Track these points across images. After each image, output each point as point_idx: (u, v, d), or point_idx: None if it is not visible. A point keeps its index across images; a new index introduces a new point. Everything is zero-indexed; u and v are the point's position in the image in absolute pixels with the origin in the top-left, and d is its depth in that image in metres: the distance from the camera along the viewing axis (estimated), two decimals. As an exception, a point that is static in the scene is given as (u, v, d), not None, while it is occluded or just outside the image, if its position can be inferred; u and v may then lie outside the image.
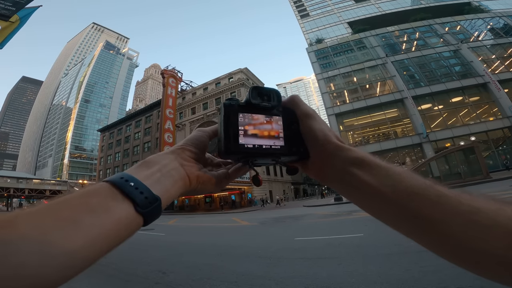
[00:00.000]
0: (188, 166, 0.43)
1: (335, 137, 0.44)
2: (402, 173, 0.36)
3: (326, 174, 0.44)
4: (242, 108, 0.46)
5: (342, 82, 32.43)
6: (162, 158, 0.41)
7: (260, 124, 0.47)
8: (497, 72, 27.46)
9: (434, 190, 0.33)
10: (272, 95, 0.48)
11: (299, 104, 0.49)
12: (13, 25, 8.36)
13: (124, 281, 4.29)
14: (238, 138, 0.45)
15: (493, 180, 16.18)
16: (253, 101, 0.46)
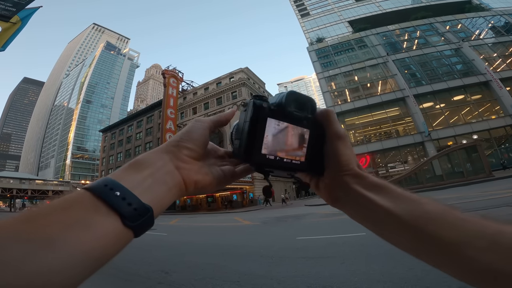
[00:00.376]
0: (185, 169, 0.38)
1: (356, 164, 0.43)
2: (421, 199, 0.36)
3: (339, 197, 0.43)
4: (272, 113, 0.42)
5: (343, 81, 32.38)
6: (155, 159, 0.36)
7: (287, 134, 0.43)
8: (498, 70, 27.39)
9: (454, 214, 0.33)
10: (308, 105, 0.44)
11: (333, 122, 0.45)
12: (14, 26, 8.38)
13: (126, 281, 4.29)
14: (262, 147, 0.41)
15: (496, 178, 16.11)
16: (288, 108, 0.42)
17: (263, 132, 0.41)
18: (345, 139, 0.44)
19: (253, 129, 0.41)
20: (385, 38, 34.33)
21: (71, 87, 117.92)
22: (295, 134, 0.43)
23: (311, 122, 0.45)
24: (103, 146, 58.94)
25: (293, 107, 0.42)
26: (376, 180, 0.40)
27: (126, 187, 0.31)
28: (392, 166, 28.43)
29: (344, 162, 0.42)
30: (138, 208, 0.29)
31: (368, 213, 0.39)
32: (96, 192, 0.29)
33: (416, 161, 25.65)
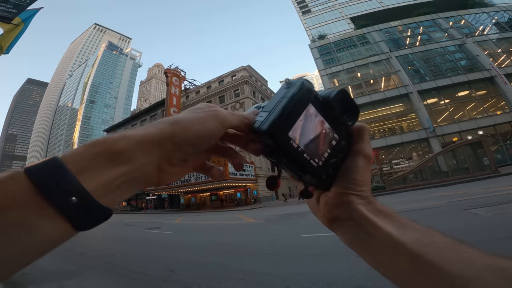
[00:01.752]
0: (168, 172, 0.31)
1: (369, 189, 0.40)
2: (428, 230, 0.33)
3: (338, 217, 0.40)
4: (317, 101, 0.38)
5: (346, 77, 32.23)
6: (141, 153, 0.28)
7: (318, 130, 0.39)
8: (503, 66, 27.10)
9: (463, 247, 0.30)
10: (352, 112, 0.41)
11: (364, 141, 0.42)
12: (17, 28, 8.44)
13: (132, 279, 4.34)
14: (291, 127, 0.36)
15: (502, 174, 15.96)
16: (333, 105, 0.39)
17: (299, 114, 0.36)
18: (369, 161, 0.42)
19: (291, 106, 0.36)
20: (387, 34, 34.04)
21: (75, 88, 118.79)
22: (325, 134, 0.39)
23: (344, 131, 0.41)
24: (107, 146, 59.36)
25: (338, 107, 0.39)
26: (384, 207, 0.38)
27: (89, 187, 0.24)
28: (396, 162, 28.31)
29: (359, 181, 0.39)
30: (96, 215, 0.25)
31: (367, 238, 0.36)
32: (45, 192, 0.22)
33: (420, 158, 25.51)
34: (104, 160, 0.26)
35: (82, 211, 0.23)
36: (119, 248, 7.52)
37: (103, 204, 0.25)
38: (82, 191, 0.24)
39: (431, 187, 16.73)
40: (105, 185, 0.25)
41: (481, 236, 4.23)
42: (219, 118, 0.35)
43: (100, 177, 0.25)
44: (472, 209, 6.45)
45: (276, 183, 0.41)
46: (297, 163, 0.38)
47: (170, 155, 0.30)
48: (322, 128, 0.39)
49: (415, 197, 11.92)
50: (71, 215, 0.23)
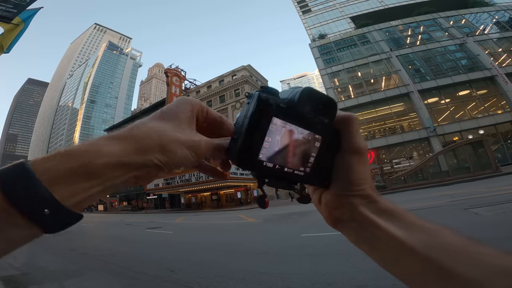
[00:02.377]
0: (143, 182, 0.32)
1: (369, 185, 0.37)
2: (438, 229, 0.31)
3: (340, 218, 0.38)
4: (280, 111, 0.34)
5: (347, 77, 32.20)
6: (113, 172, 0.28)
7: (293, 139, 0.36)
8: (504, 65, 27.04)
9: (476, 248, 0.28)
10: (327, 108, 0.36)
11: (353, 132, 0.38)
12: (17, 28, 8.45)
13: (133, 279, 4.34)
14: (259, 151, 0.34)
15: (503, 174, 15.94)
16: (301, 109, 0.35)
17: (264, 134, 0.34)
18: (363, 154, 0.38)
19: (253, 128, 0.33)
20: (388, 34, 33.99)
21: (75, 87, 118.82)
22: (304, 140, 0.36)
23: (327, 126, 0.38)
24: (108, 146, 59.43)
25: (307, 108, 0.35)
26: (388, 205, 0.35)
27: (61, 196, 0.24)
28: (397, 162, 28.26)
29: (355, 181, 0.36)
30: (66, 220, 0.25)
31: (373, 240, 0.34)
32: (16, 203, 0.22)
33: (421, 157, 25.47)
34: (78, 174, 0.26)
35: (54, 220, 0.24)
36: (120, 248, 7.53)
37: (74, 210, 0.25)
38: (53, 201, 0.24)
39: (431, 187, 16.71)
40: (78, 194, 0.26)
41: (482, 236, 4.21)
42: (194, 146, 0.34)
43: (72, 188, 0.25)
44: (473, 209, 6.45)
45: (265, 202, 0.40)
46: (281, 180, 0.37)
47: (150, 174, 0.31)
48: (298, 136, 0.36)
49: (416, 197, 11.91)
50: (43, 224, 0.24)
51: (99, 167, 0.27)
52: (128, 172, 0.29)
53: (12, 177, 0.23)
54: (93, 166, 0.27)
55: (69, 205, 0.25)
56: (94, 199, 0.28)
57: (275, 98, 0.34)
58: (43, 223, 0.23)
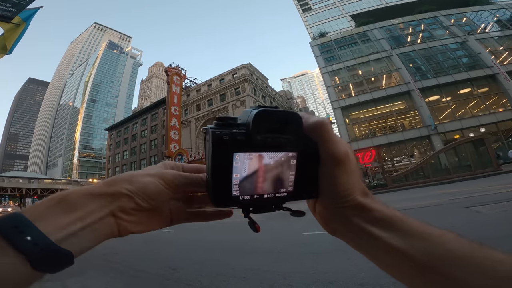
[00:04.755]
0: (125, 221, 0.32)
1: (360, 192, 0.35)
2: (441, 235, 0.30)
3: (337, 229, 0.36)
4: (239, 145, 0.32)
5: (347, 75, 32.14)
6: (87, 201, 0.30)
7: (264, 166, 0.34)
8: (505, 63, 26.88)
9: (484, 253, 0.27)
10: (288, 124, 0.33)
11: (327, 141, 0.34)
12: (19, 28, 8.46)
13: (135, 277, 4.36)
14: (231, 189, 0.33)
15: (504, 172, 15.91)
16: (258, 137, 0.32)
17: (230, 171, 0.32)
18: (345, 162, 0.34)
19: (217, 170, 0.32)
20: (388, 32, 33.88)
21: (76, 87, 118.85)
22: (277, 162, 0.34)
23: (299, 140, 0.34)
24: (109, 145, 59.44)
25: (265, 132, 0.32)
26: (384, 212, 0.33)
27: (45, 230, 0.26)
28: (398, 160, 28.23)
29: (341, 192, 0.34)
30: (52, 255, 0.26)
31: (372, 249, 0.33)
32: (3, 234, 0.25)
33: (422, 155, 25.43)
34: (58, 209, 0.28)
35: (38, 248, 0.25)
36: (122, 246, 7.54)
37: (62, 247, 0.26)
38: (36, 231, 0.26)
39: (432, 185, 16.70)
40: (61, 228, 0.27)
41: (483, 234, 4.22)
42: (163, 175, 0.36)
43: (54, 222, 0.27)
44: (474, 207, 6.44)
45: (255, 228, 0.39)
46: (263, 206, 0.36)
47: (120, 205, 0.32)
48: (267, 161, 0.34)
49: (417, 195, 11.91)
50: (27, 251, 0.24)
51: (74, 198, 0.30)
52: (103, 206, 0.30)
53: (2, 218, 0.26)
54: (69, 199, 0.29)
55: (55, 239, 0.26)
56: (86, 240, 0.29)
57: (230, 131, 0.32)
58: (28, 252, 0.25)
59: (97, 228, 0.30)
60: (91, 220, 0.29)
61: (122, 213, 0.32)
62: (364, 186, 0.36)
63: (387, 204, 0.35)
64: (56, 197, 0.29)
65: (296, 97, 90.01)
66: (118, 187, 0.32)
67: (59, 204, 0.29)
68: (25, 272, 0.25)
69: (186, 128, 40.65)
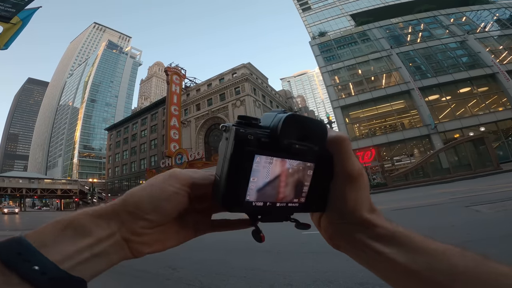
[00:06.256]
0: (137, 242, 0.31)
1: (367, 208, 0.35)
2: (445, 249, 0.29)
3: (341, 245, 0.37)
4: (263, 147, 0.31)
5: (347, 74, 32.16)
6: (96, 227, 0.28)
7: (282, 174, 0.33)
8: (505, 62, 26.90)
9: (489, 267, 0.27)
10: (315, 134, 0.32)
11: (344, 157, 0.34)
12: (15, 26, 8.47)
13: (135, 277, 4.35)
14: (246, 193, 0.31)
15: (504, 171, 15.91)
16: (285, 141, 0.31)
17: (248, 174, 0.31)
18: (357, 180, 0.34)
19: (235, 170, 0.30)
20: (388, 31, 33.89)
21: (75, 87, 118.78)
22: (294, 171, 0.34)
23: (320, 151, 0.34)
24: (109, 144, 59.48)
25: (293, 138, 0.31)
26: (388, 228, 0.33)
27: (53, 258, 0.24)
28: (398, 159, 28.24)
29: (349, 209, 0.34)
30: (64, 283, 0.24)
31: (376, 264, 0.33)
32: (5, 261, 0.23)
33: (422, 154, 25.45)
34: (66, 235, 0.26)
35: (47, 278, 0.23)
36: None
37: (73, 274, 0.25)
38: (44, 259, 0.24)
39: (432, 184, 16.71)
40: (70, 256, 0.25)
41: (484, 234, 4.22)
42: (174, 175, 0.33)
43: (63, 250, 0.25)
44: (474, 206, 6.44)
45: (260, 237, 0.37)
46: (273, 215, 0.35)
47: (129, 225, 0.30)
48: (285, 168, 0.33)
49: (417, 194, 11.91)
50: (35, 281, 0.23)
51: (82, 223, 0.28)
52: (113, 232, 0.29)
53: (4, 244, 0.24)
54: (76, 224, 0.27)
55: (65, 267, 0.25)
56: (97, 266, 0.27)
57: (255, 131, 0.31)
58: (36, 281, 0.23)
59: (108, 253, 0.28)
60: (102, 248, 0.28)
61: (133, 235, 0.30)
62: (371, 202, 0.35)
63: (390, 219, 0.34)
64: (62, 221, 0.27)
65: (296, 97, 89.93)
66: (121, 205, 0.30)
67: (66, 229, 0.27)
68: None
69: (186, 127, 40.64)
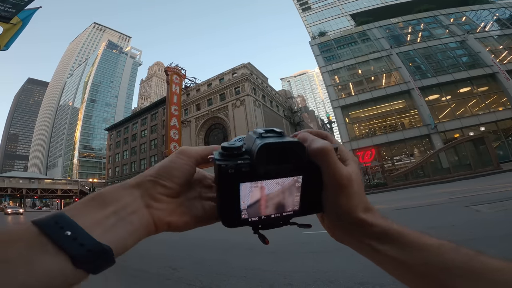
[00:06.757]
0: (158, 209, 0.33)
1: (362, 208, 0.36)
2: (440, 245, 0.31)
3: (343, 240, 0.38)
4: (245, 175, 0.34)
5: (347, 74, 32.14)
6: (122, 194, 0.32)
7: (270, 191, 0.36)
8: (505, 62, 26.88)
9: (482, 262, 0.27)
10: (291, 153, 0.34)
11: (330, 168, 0.35)
12: (15, 26, 8.47)
13: (134, 277, 4.35)
14: (240, 213, 0.36)
15: (504, 171, 15.91)
16: (261, 169, 0.34)
17: (238, 199, 0.35)
18: (347, 187, 0.35)
19: (225, 197, 0.34)
20: (388, 31, 33.87)
21: (75, 87, 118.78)
22: (283, 186, 0.36)
23: (303, 165, 0.36)
24: (109, 145, 59.45)
25: (271, 164, 0.34)
26: (382, 226, 0.34)
27: (82, 225, 0.27)
28: (398, 159, 28.25)
29: (344, 211, 0.35)
30: (93, 249, 0.26)
31: (376, 259, 0.35)
32: (44, 229, 0.25)
33: (422, 154, 25.44)
34: (93, 205, 0.29)
35: (77, 243, 0.25)
36: (122, 246, 7.54)
37: (101, 241, 0.26)
38: (76, 227, 0.26)
39: (432, 184, 16.72)
40: (98, 223, 0.28)
41: (483, 233, 4.22)
42: (191, 151, 0.37)
43: (91, 217, 0.28)
44: (474, 206, 6.44)
45: (265, 241, 0.40)
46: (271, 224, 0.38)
47: (150, 191, 0.33)
48: (273, 186, 0.36)
49: (417, 194, 11.91)
50: (67, 247, 0.25)
51: (107, 193, 0.31)
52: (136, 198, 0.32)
53: (45, 216, 0.27)
54: (102, 195, 0.31)
55: (94, 234, 0.27)
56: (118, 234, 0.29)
57: (236, 164, 0.33)
58: (68, 248, 0.25)
59: (132, 221, 0.30)
60: (126, 213, 0.30)
61: (153, 201, 0.33)
62: (367, 201, 0.36)
63: (386, 216, 0.36)
64: (91, 195, 0.31)
65: (296, 96, 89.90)
66: (142, 176, 0.34)
67: (94, 199, 0.30)
68: (67, 271, 0.25)
69: (186, 127, 40.64)
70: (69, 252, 0.25)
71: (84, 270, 0.25)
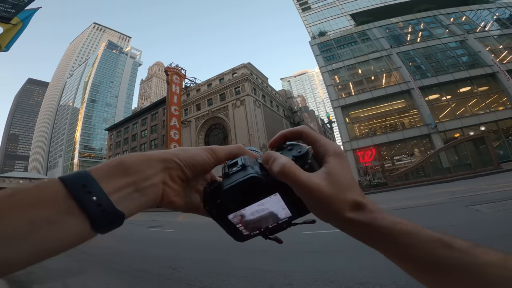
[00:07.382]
0: (170, 187, 0.35)
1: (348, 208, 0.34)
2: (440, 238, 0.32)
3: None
4: (226, 211, 0.39)
5: (347, 74, 32.11)
6: (145, 166, 0.32)
7: (256, 213, 0.39)
8: (505, 62, 26.85)
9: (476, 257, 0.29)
10: (251, 187, 0.37)
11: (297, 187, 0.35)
12: (16, 27, 8.47)
13: (135, 277, 4.36)
14: (242, 232, 0.41)
15: (504, 170, 15.91)
16: (232, 208, 0.38)
17: (232, 225, 0.40)
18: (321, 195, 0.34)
19: (222, 225, 0.41)
20: (388, 31, 33.84)
21: (75, 87, 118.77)
22: (265, 205, 0.39)
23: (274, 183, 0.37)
24: (109, 145, 59.44)
25: (237, 201, 0.38)
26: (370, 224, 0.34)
27: (105, 190, 0.28)
28: (398, 159, 28.22)
29: (329, 215, 0.35)
30: (110, 216, 0.27)
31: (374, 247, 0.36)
32: (72, 191, 0.26)
33: (422, 154, 25.42)
34: (118, 171, 0.30)
35: (100, 209, 0.27)
36: (122, 246, 7.55)
37: (117, 208, 0.28)
38: (101, 192, 0.27)
39: (433, 184, 16.71)
40: (118, 190, 0.29)
41: (484, 233, 4.22)
42: (211, 148, 0.40)
43: (114, 183, 0.29)
44: (474, 206, 6.44)
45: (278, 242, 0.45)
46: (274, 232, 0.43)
47: (171, 171, 0.35)
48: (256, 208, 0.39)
49: (417, 194, 11.91)
50: (91, 212, 0.26)
51: (131, 162, 0.32)
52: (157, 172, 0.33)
53: (73, 176, 0.28)
54: (126, 162, 0.32)
55: (113, 200, 0.28)
56: (135, 203, 0.31)
57: (216, 205, 0.39)
58: (91, 210, 0.26)
59: (147, 193, 0.32)
60: (145, 185, 0.32)
61: (170, 180, 0.35)
62: (355, 196, 0.35)
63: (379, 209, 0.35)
64: (115, 159, 0.31)
65: (296, 96, 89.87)
66: (171, 154, 0.35)
67: (118, 166, 0.31)
68: (83, 232, 0.26)
69: (186, 127, 40.64)
70: (92, 217, 0.26)
71: (96, 232, 0.27)
